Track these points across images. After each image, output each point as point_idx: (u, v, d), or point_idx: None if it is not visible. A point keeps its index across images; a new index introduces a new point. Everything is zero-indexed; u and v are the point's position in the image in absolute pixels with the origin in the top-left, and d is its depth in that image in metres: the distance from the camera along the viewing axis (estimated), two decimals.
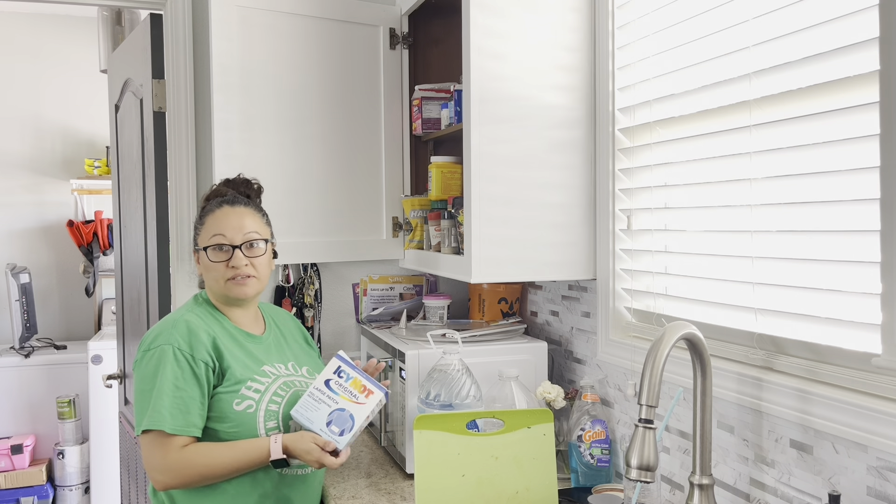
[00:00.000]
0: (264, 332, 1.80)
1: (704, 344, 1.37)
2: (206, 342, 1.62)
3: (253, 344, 1.73)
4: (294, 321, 1.94)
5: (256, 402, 1.62)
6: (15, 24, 4.62)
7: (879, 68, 1.17)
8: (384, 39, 2.40)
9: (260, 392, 1.64)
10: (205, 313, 1.71)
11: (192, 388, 1.57)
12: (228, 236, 1.69)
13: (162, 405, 1.55)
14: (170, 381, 1.56)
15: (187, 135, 2.38)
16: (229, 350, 1.65)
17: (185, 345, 1.60)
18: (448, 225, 2.10)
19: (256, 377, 1.66)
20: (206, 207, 1.75)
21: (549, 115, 1.93)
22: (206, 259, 1.70)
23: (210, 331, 1.65)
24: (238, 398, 1.61)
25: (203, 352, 1.60)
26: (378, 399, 1.64)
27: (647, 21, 1.76)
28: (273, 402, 1.64)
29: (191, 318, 1.66)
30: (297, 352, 1.83)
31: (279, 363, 1.74)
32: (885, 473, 1.18)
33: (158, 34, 2.40)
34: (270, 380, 1.67)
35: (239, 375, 1.63)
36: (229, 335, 1.70)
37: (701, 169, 1.61)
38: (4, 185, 4.64)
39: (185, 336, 1.61)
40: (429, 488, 1.62)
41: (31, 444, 4.22)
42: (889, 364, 1.17)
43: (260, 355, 1.72)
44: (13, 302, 4.29)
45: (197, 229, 1.75)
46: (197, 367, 1.59)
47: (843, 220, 1.29)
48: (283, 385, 1.69)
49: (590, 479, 1.86)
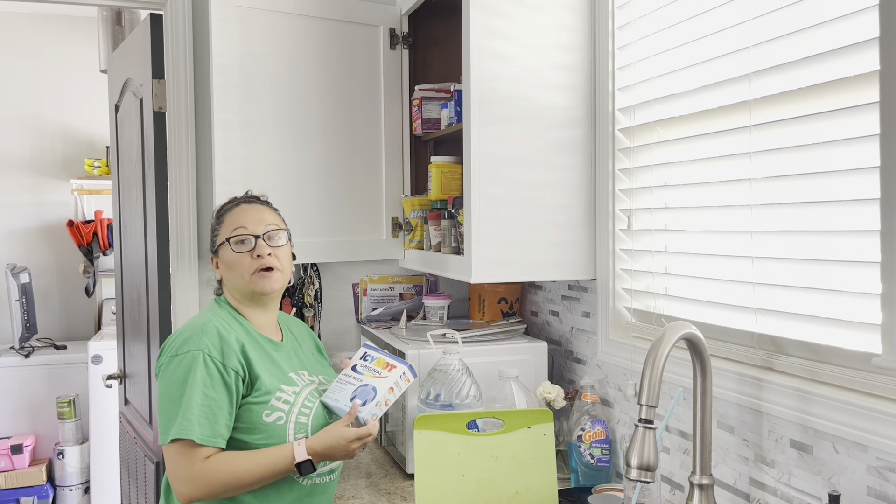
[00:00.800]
0: (283, 338, 1.75)
1: (704, 344, 1.37)
2: (237, 349, 1.56)
3: (276, 351, 1.68)
4: (308, 331, 1.89)
5: (286, 413, 1.58)
6: (15, 24, 4.62)
7: (879, 68, 1.17)
8: (384, 39, 2.40)
9: (289, 403, 1.59)
10: (229, 318, 1.65)
11: (221, 398, 1.52)
12: (250, 228, 1.66)
13: (191, 413, 1.49)
14: (199, 389, 1.50)
15: (187, 135, 2.38)
16: (257, 358, 1.60)
17: (217, 351, 1.54)
18: (448, 225, 2.10)
19: (284, 387, 1.61)
20: (221, 208, 1.72)
21: (550, 115, 1.93)
22: (228, 253, 1.65)
23: (238, 337, 1.60)
24: (268, 409, 1.56)
25: (234, 359, 1.55)
26: (401, 372, 1.63)
27: (647, 21, 1.76)
28: (302, 413, 1.60)
29: (220, 324, 1.60)
30: (312, 361, 1.79)
31: (302, 370, 1.70)
32: (885, 473, 1.18)
33: (158, 34, 2.40)
34: (298, 388, 1.63)
35: (268, 385, 1.58)
36: (255, 342, 1.64)
37: (701, 169, 1.61)
38: (4, 185, 4.64)
39: (215, 342, 1.55)
40: (429, 488, 1.62)
41: (31, 444, 4.22)
42: (889, 364, 1.17)
43: (283, 363, 1.67)
44: (13, 302, 4.29)
45: (215, 231, 1.71)
46: (227, 376, 1.53)
47: (843, 221, 1.29)
48: (311, 395, 1.64)
49: (590, 479, 1.86)
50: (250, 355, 1.58)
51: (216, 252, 1.70)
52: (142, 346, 2.67)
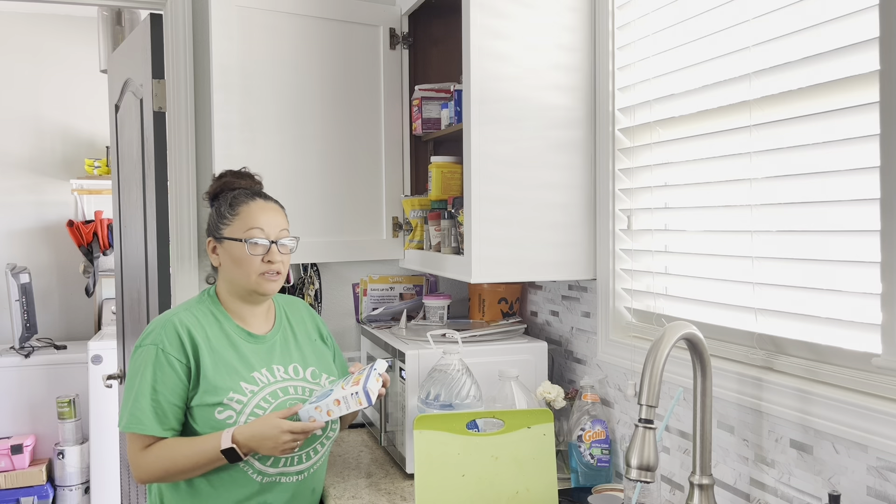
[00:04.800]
0: (271, 329, 1.77)
1: (704, 344, 1.37)
2: (189, 346, 1.62)
3: (252, 345, 1.71)
4: (310, 314, 1.90)
5: (237, 413, 1.61)
6: (14, 23, 4.62)
7: (879, 68, 1.17)
8: (384, 39, 2.39)
9: (242, 403, 1.62)
10: (205, 312, 1.70)
11: (170, 392, 1.59)
12: (266, 231, 1.68)
13: (139, 407, 1.58)
14: (149, 384, 1.59)
15: (187, 135, 2.38)
16: (217, 355, 1.64)
17: (171, 346, 1.61)
18: (448, 225, 2.10)
19: (242, 384, 1.64)
20: (236, 198, 1.71)
21: (550, 115, 1.93)
22: (238, 251, 1.67)
23: (202, 332, 1.65)
24: (220, 407, 1.61)
25: (185, 354, 1.61)
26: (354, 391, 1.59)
27: (647, 21, 1.76)
28: (254, 414, 1.62)
29: (183, 318, 1.65)
30: (307, 351, 1.79)
31: (279, 365, 1.71)
32: (885, 473, 1.18)
33: (158, 34, 2.40)
34: (257, 388, 1.65)
35: (220, 384, 1.62)
36: (225, 337, 1.68)
37: (701, 169, 1.61)
38: (4, 185, 4.64)
39: (171, 337, 1.62)
40: (429, 488, 1.62)
41: (31, 444, 4.22)
42: (889, 364, 1.17)
43: (254, 359, 1.69)
44: (13, 302, 4.29)
45: (225, 218, 1.70)
46: (179, 369, 1.60)
47: (843, 221, 1.29)
48: (272, 394, 1.66)
49: (590, 479, 1.86)
50: (204, 353, 1.62)
51: (220, 240, 1.70)
52: None
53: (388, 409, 2.14)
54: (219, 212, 1.72)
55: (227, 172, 1.79)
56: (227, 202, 1.71)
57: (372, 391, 1.61)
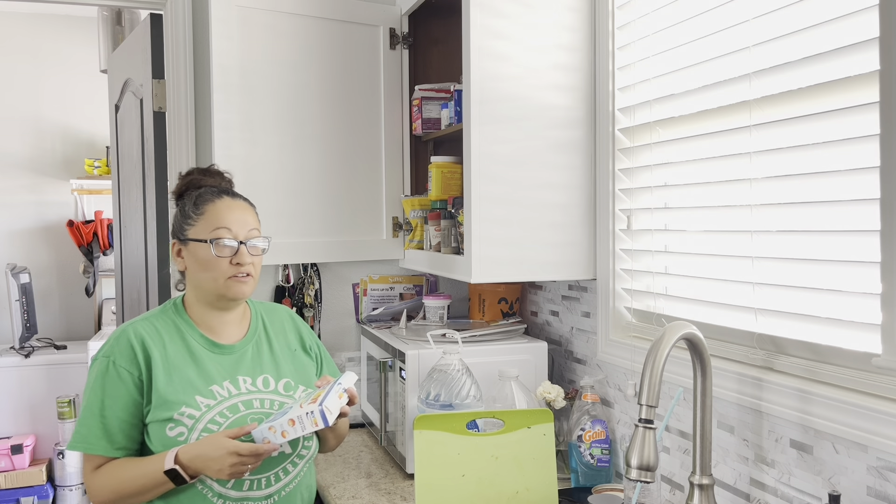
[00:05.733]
0: (243, 338, 1.63)
1: (704, 344, 1.37)
2: (140, 356, 1.51)
3: (216, 356, 1.58)
4: (293, 323, 1.76)
5: (189, 428, 1.48)
6: (14, 23, 4.61)
7: (879, 68, 1.17)
8: (384, 39, 2.39)
9: (194, 418, 1.49)
10: (166, 322, 1.58)
11: (120, 408, 1.49)
12: (234, 231, 1.56)
13: (87, 425, 1.49)
14: (98, 400, 1.49)
15: (187, 135, 2.38)
16: (174, 367, 1.52)
17: (121, 358, 1.50)
18: (448, 225, 2.10)
19: (198, 398, 1.51)
20: (201, 196, 1.59)
21: (549, 115, 1.93)
22: (204, 253, 1.55)
23: (159, 343, 1.54)
24: (172, 423, 1.48)
25: (135, 366, 1.50)
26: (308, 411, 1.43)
27: (647, 21, 1.76)
28: (207, 429, 1.48)
29: (139, 328, 1.55)
30: (282, 362, 1.65)
31: (246, 376, 1.58)
32: (885, 473, 1.18)
33: (158, 34, 2.40)
34: (214, 402, 1.52)
35: (172, 397, 1.49)
36: (186, 349, 1.56)
37: (701, 169, 1.61)
38: (4, 185, 4.64)
39: (124, 349, 1.51)
40: (429, 488, 1.62)
41: (31, 444, 4.21)
42: (889, 364, 1.17)
43: (217, 371, 1.56)
44: (13, 302, 4.28)
45: (189, 218, 1.57)
46: (130, 382, 1.50)
47: (843, 221, 1.29)
48: (230, 408, 1.52)
49: (590, 479, 1.86)
50: (158, 365, 1.51)
51: (185, 242, 1.58)
52: None
53: (388, 409, 2.14)
54: (183, 211, 1.60)
55: (195, 170, 1.67)
56: (191, 201, 1.59)
57: (330, 410, 1.44)
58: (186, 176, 1.66)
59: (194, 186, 1.64)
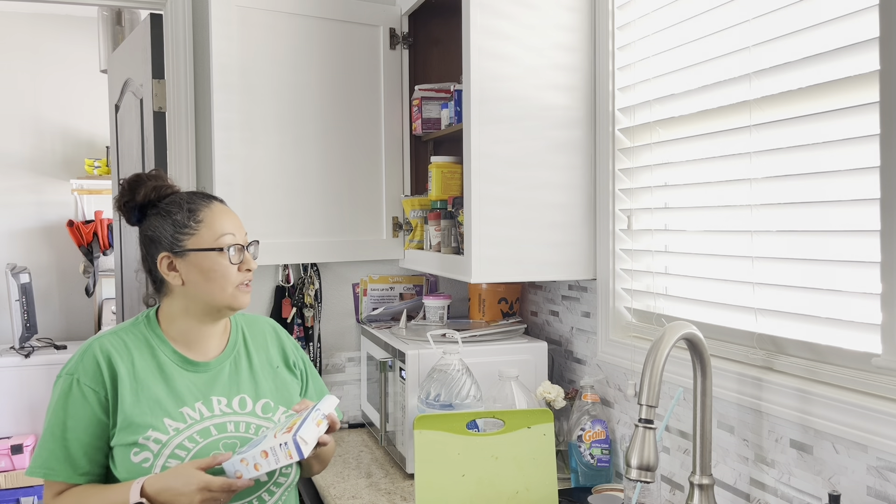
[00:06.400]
0: (220, 353, 1.52)
1: (704, 344, 1.37)
2: (106, 373, 1.40)
3: (191, 374, 1.47)
4: (276, 336, 1.62)
5: (154, 455, 1.37)
6: (14, 23, 4.62)
7: (879, 68, 1.17)
8: (384, 39, 2.40)
9: (161, 443, 1.38)
10: (137, 336, 1.47)
11: (83, 431, 1.38)
12: (238, 237, 1.47)
13: (48, 449, 1.38)
14: (60, 421, 1.38)
15: (187, 135, 2.38)
16: (142, 385, 1.41)
17: (85, 375, 1.40)
18: (448, 225, 2.10)
19: (166, 420, 1.40)
20: (192, 202, 1.48)
21: (550, 115, 1.93)
22: (211, 263, 1.44)
23: (127, 358, 1.43)
24: (137, 448, 1.37)
25: (100, 384, 1.39)
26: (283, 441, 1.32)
27: (647, 21, 1.76)
28: (175, 455, 1.38)
29: (106, 342, 1.44)
30: (261, 380, 1.53)
31: (221, 396, 1.47)
32: (885, 473, 1.18)
33: (158, 34, 2.40)
34: (184, 425, 1.40)
35: (138, 419, 1.38)
36: (156, 365, 1.44)
37: (701, 169, 1.61)
38: (4, 185, 4.64)
39: (89, 366, 1.40)
40: (429, 488, 1.62)
41: (31, 444, 4.21)
42: (889, 364, 1.17)
43: (189, 391, 1.45)
44: (13, 302, 4.28)
45: (186, 228, 1.45)
46: (93, 402, 1.39)
47: (843, 221, 1.29)
48: (201, 433, 1.41)
49: (590, 479, 1.86)
50: (124, 383, 1.40)
51: (181, 254, 1.44)
52: None
53: (388, 409, 2.14)
54: (174, 222, 1.45)
55: (142, 176, 1.50)
56: (181, 209, 1.46)
57: (305, 441, 1.32)
58: (140, 183, 1.48)
59: (162, 193, 1.49)
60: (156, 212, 1.48)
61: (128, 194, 1.48)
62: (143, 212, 1.50)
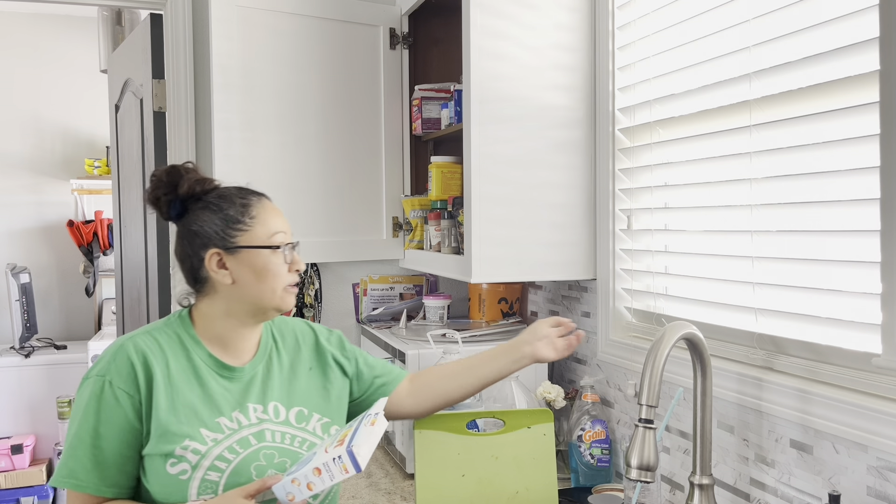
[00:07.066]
0: (252, 358, 1.43)
1: (704, 344, 1.37)
2: (141, 376, 1.30)
3: (224, 380, 1.37)
4: (308, 336, 1.53)
5: (193, 465, 1.28)
6: (15, 23, 4.62)
7: (879, 68, 1.17)
8: (384, 39, 2.40)
9: (200, 454, 1.28)
10: (170, 336, 1.37)
11: (115, 437, 1.28)
12: (288, 235, 1.39)
13: (75, 457, 1.28)
14: (91, 427, 1.28)
15: (187, 135, 2.38)
16: (177, 390, 1.32)
17: (119, 377, 1.29)
18: (448, 225, 2.10)
19: (204, 431, 1.30)
20: (244, 197, 1.39)
21: (550, 115, 1.93)
22: (264, 261, 1.35)
23: (162, 360, 1.33)
24: (173, 459, 1.28)
25: (134, 387, 1.30)
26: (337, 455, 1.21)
27: (647, 21, 1.76)
28: (215, 468, 1.29)
29: (140, 342, 1.33)
30: (294, 386, 1.44)
31: (256, 404, 1.38)
32: (885, 473, 1.18)
33: (158, 34, 2.40)
34: (221, 436, 1.31)
35: (174, 428, 1.29)
36: (192, 369, 1.35)
37: (701, 169, 1.61)
38: (4, 185, 4.64)
39: (123, 367, 1.30)
40: (429, 488, 1.62)
41: (31, 444, 4.21)
42: (889, 364, 1.17)
43: (225, 399, 1.36)
44: (13, 302, 4.29)
45: (239, 223, 1.36)
46: (127, 407, 1.29)
47: (843, 221, 1.29)
48: (239, 442, 1.32)
49: (590, 479, 1.86)
50: (159, 387, 1.30)
51: (233, 251, 1.35)
52: None
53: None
54: (226, 217, 1.36)
55: (179, 168, 1.39)
56: (233, 204, 1.37)
57: (360, 454, 1.20)
58: (178, 173, 1.37)
59: (205, 187, 1.39)
60: (202, 205, 1.37)
61: (165, 187, 1.37)
62: (183, 206, 1.39)
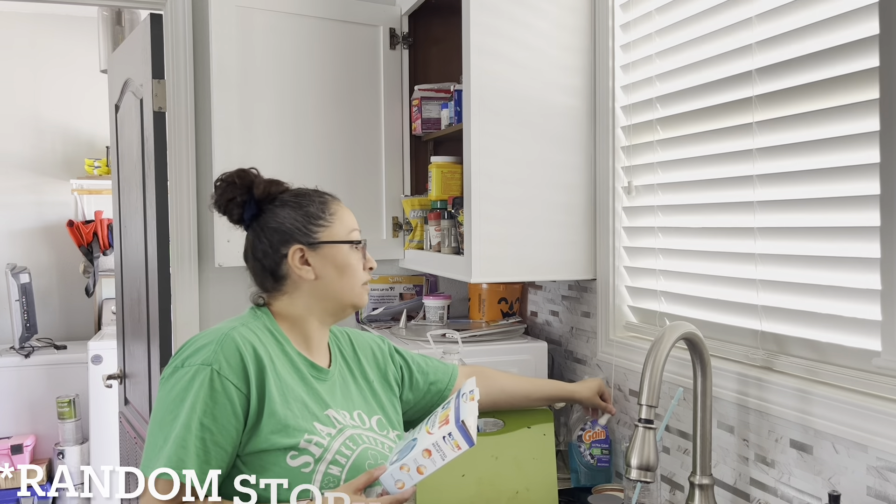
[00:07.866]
0: (330, 363, 1.42)
1: (704, 344, 1.37)
2: (252, 370, 1.26)
3: (318, 379, 1.36)
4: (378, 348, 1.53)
5: (316, 459, 1.26)
6: (15, 23, 4.61)
7: (879, 66, 1.17)
8: (384, 39, 2.39)
9: (322, 447, 1.27)
10: (262, 329, 1.35)
11: (220, 431, 1.22)
12: (361, 233, 1.43)
13: (182, 445, 1.20)
14: (197, 416, 1.21)
15: (187, 135, 2.38)
16: (286, 384, 1.29)
17: (229, 368, 1.24)
18: (448, 225, 2.10)
19: (318, 425, 1.29)
20: (321, 196, 1.44)
21: (550, 114, 1.93)
22: (345, 257, 1.38)
23: (267, 354, 1.30)
24: (295, 451, 1.25)
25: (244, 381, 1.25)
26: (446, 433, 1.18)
27: (648, 20, 1.76)
28: (336, 462, 1.27)
29: (245, 334, 1.30)
30: (369, 396, 1.44)
31: (344, 409, 1.36)
32: (885, 473, 1.18)
33: (158, 34, 2.40)
34: (335, 430, 1.30)
35: (293, 423, 1.26)
36: (291, 364, 1.33)
37: (703, 168, 1.60)
38: (4, 185, 4.64)
39: (232, 357, 1.25)
40: (429, 488, 1.62)
41: (31, 444, 4.22)
42: (889, 364, 1.17)
43: (325, 395, 1.35)
44: (13, 302, 4.29)
45: (320, 219, 1.39)
46: (237, 402, 1.24)
47: (844, 220, 1.29)
48: (351, 439, 1.31)
49: (590, 479, 1.86)
50: (271, 381, 1.27)
51: (315, 246, 1.37)
52: (142, 346, 2.66)
53: None
54: (307, 213, 1.39)
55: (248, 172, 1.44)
56: (312, 202, 1.41)
57: (469, 425, 1.17)
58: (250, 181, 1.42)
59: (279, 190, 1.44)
60: (279, 204, 1.41)
61: (240, 189, 1.40)
62: (258, 207, 1.42)
